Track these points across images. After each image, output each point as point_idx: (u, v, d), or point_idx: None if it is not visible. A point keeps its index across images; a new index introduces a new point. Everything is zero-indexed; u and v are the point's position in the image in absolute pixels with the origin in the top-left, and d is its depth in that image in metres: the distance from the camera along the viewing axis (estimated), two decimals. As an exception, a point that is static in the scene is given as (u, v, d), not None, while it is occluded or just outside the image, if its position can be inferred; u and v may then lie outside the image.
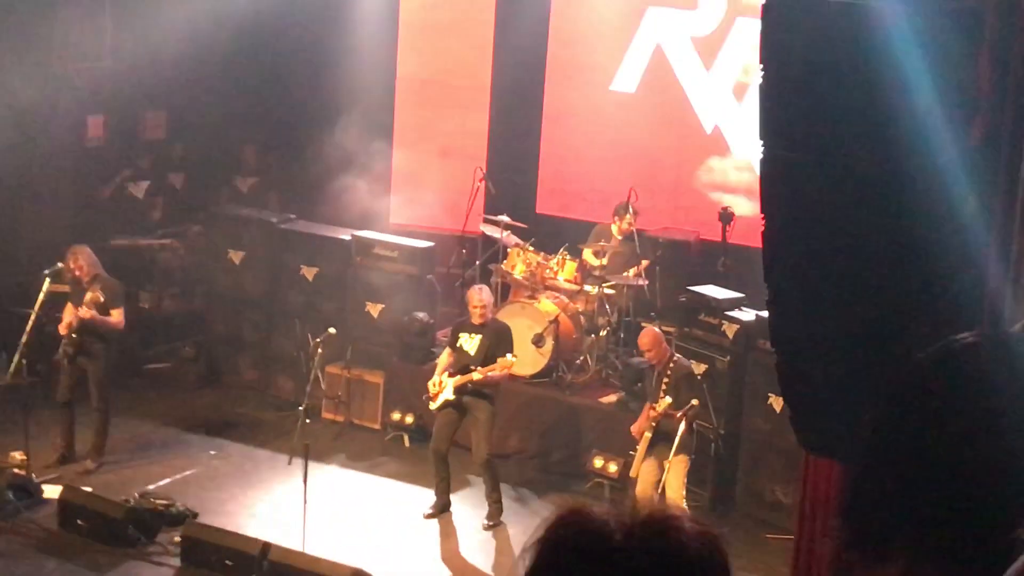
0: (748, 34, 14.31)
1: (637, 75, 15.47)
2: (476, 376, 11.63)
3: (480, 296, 11.92)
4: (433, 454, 11.99)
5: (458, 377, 11.72)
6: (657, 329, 11.72)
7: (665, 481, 10.87)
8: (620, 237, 13.75)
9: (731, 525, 11.70)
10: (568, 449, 13.11)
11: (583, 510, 1.76)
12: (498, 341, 11.81)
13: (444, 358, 12.10)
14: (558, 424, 13.19)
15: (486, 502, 11.92)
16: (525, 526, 11.86)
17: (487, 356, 11.74)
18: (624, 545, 1.69)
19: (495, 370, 11.63)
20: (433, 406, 11.91)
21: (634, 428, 11.36)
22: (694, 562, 1.70)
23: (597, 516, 1.73)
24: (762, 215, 6.02)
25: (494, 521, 11.84)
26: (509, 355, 11.73)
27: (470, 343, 11.84)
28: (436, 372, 12.01)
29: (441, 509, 12.03)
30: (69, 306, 12.27)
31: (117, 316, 12.29)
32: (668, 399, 10.90)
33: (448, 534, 11.75)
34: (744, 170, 14.20)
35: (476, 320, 11.86)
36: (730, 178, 14.53)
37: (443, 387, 11.78)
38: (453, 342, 12.04)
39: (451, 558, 11.33)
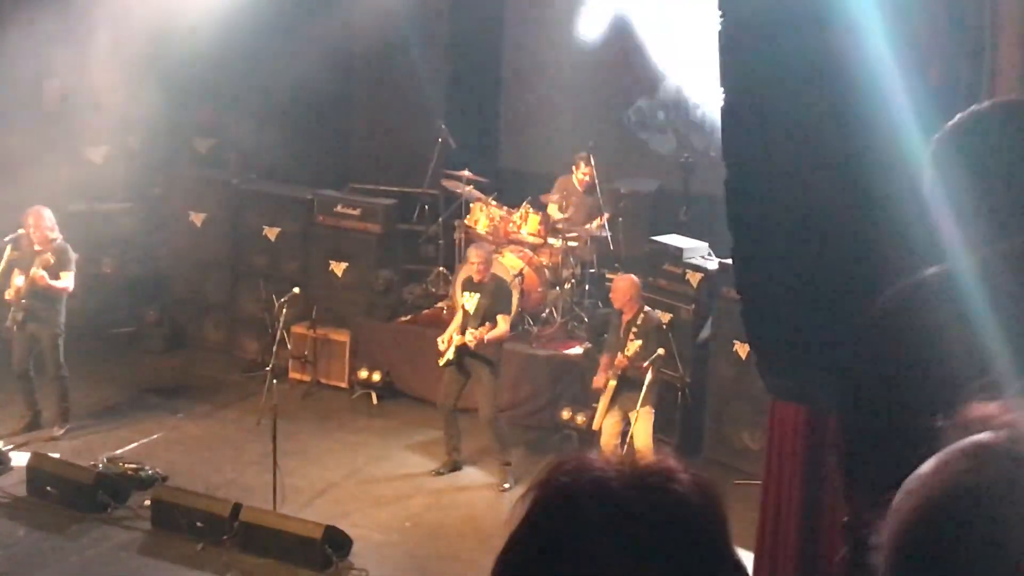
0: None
1: (598, 27, 15.41)
2: (468, 340, 11.60)
3: (476, 253, 11.88)
4: (440, 412, 12.05)
5: (458, 338, 11.71)
6: (635, 278, 11.61)
7: (632, 433, 10.89)
8: (580, 188, 13.74)
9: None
10: (536, 401, 13.15)
11: (581, 458, 1.75)
12: (495, 299, 11.76)
13: (457, 314, 12.06)
14: (525, 377, 13.22)
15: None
16: (497, 480, 11.90)
17: (485, 315, 11.68)
18: (623, 495, 1.68)
19: (485, 334, 11.58)
20: (440, 363, 11.91)
21: (595, 380, 11.39)
22: (693, 513, 1.70)
23: (595, 464, 1.71)
24: (724, 162, 6.04)
25: (508, 485, 11.73)
26: (501, 316, 11.72)
27: (470, 302, 11.78)
28: (448, 328, 12.00)
29: (452, 468, 12.04)
30: (16, 271, 12.15)
31: (66, 279, 12.20)
32: (639, 342, 10.89)
33: (419, 491, 11.78)
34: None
35: (476, 277, 11.81)
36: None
37: (451, 344, 11.76)
38: (459, 298, 12.08)
39: (421, 515, 11.35)
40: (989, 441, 1.56)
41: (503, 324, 11.78)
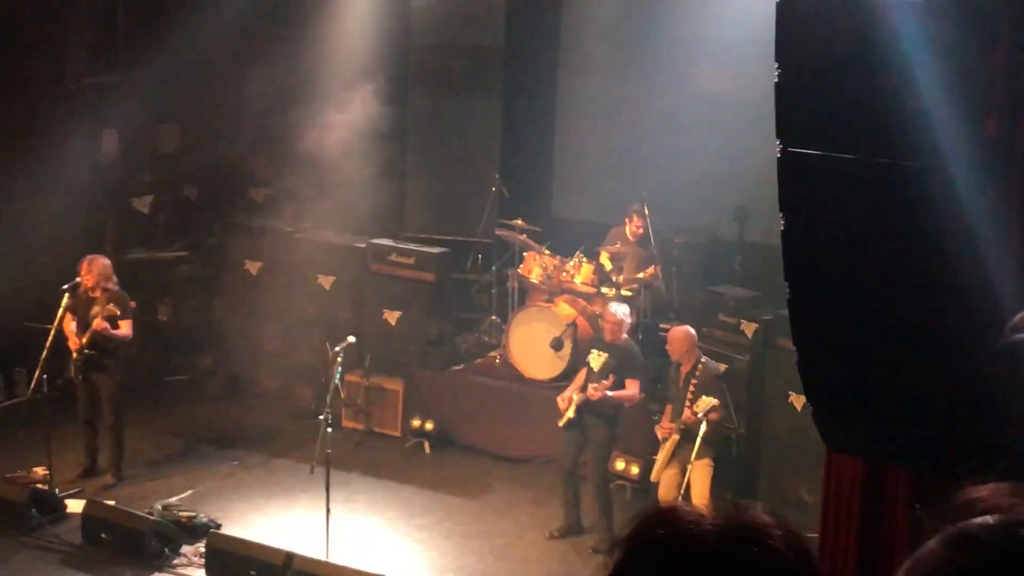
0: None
1: (654, 74, 15.39)
2: (591, 394, 11.33)
3: (614, 312, 11.63)
4: (560, 473, 11.84)
5: (579, 395, 11.48)
6: (690, 329, 11.52)
7: (689, 485, 10.82)
8: (632, 239, 13.71)
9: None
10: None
11: (674, 511, 1.75)
12: (623, 362, 11.50)
13: (580, 373, 11.82)
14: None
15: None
16: (549, 529, 11.83)
17: (610, 376, 11.44)
18: (718, 550, 1.68)
19: (612, 391, 11.31)
20: (560, 423, 11.68)
21: (658, 428, 11.32)
22: (788, 569, 1.69)
23: (689, 518, 1.72)
24: (780, 213, 6.02)
25: (602, 548, 11.36)
26: (629, 380, 11.48)
27: (596, 361, 11.56)
28: (570, 387, 11.80)
29: (567, 531, 11.77)
30: (69, 317, 12.24)
31: (125, 328, 12.31)
32: (713, 400, 10.77)
33: (472, 540, 11.73)
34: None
35: (606, 336, 11.62)
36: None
37: (571, 403, 11.54)
38: (585, 356, 11.85)
39: (474, 565, 11.30)
40: (974, 529, 1.54)
41: (632, 387, 11.52)
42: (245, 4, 14.94)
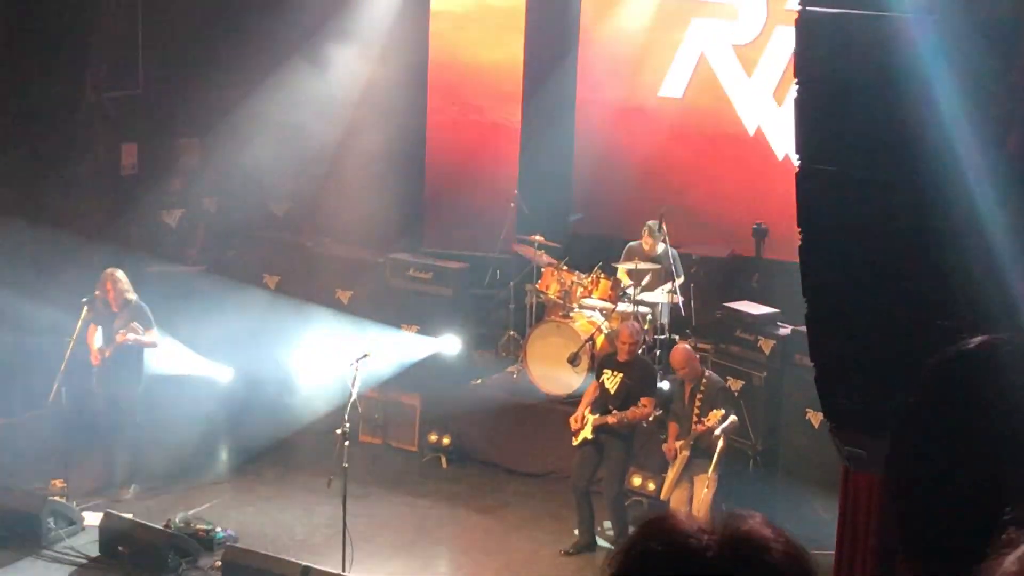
0: (788, 42, 14.21)
1: (682, 85, 15.36)
2: (610, 420, 11.45)
3: (629, 332, 11.71)
4: (573, 491, 11.86)
5: (596, 416, 11.54)
6: (687, 346, 11.64)
7: (695, 499, 10.83)
8: (650, 255, 13.69)
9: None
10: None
11: (672, 520, 1.73)
12: (639, 381, 11.58)
13: (589, 391, 11.92)
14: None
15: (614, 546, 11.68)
16: (565, 545, 11.81)
17: (627, 396, 11.53)
18: (716, 561, 1.66)
19: (630, 415, 11.43)
20: (574, 442, 11.73)
21: (666, 448, 11.31)
22: None
23: (686, 528, 1.70)
24: (798, 229, 6.02)
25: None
26: (645, 398, 11.55)
27: (611, 380, 11.63)
28: (580, 406, 11.84)
29: (583, 547, 11.75)
30: (92, 328, 12.31)
31: (152, 336, 12.38)
32: (721, 410, 10.82)
33: (489, 556, 11.72)
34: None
35: (621, 356, 11.66)
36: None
37: (584, 423, 11.60)
38: (598, 374, 11.90)
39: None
40: None
41: (648, 406, 11.59)
42: (266, 20, 14.99)
